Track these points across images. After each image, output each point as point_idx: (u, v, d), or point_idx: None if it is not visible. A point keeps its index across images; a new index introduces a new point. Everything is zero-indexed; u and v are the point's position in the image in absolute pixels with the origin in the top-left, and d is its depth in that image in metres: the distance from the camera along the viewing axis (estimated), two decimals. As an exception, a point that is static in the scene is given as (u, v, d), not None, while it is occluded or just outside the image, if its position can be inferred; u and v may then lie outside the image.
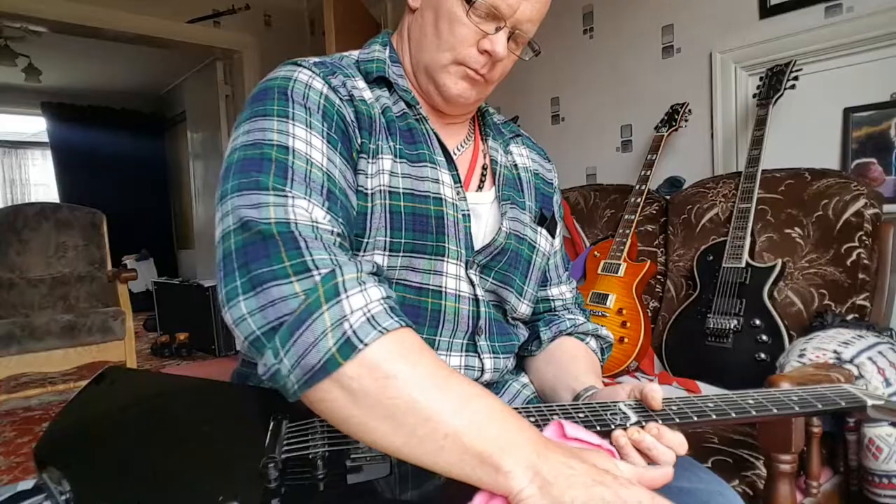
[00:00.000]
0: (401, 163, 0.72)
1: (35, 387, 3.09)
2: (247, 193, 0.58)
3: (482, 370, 0.76)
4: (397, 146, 0.73)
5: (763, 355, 1.36)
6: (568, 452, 0.49)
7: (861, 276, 1.37)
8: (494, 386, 0.83)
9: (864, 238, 1.38)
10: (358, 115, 0.71)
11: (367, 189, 0.68)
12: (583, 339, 0.91)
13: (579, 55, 2.43)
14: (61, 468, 0.55)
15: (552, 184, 0.95)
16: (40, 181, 7.18)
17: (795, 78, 1.68)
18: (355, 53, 0.81)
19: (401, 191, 0.70)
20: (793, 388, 0.71)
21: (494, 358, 0.78)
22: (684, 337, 1.56)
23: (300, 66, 0.71)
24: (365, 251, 0.68)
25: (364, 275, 0.54)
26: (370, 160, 0.70)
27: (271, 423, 0.58)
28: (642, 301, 1.69)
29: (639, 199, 1.82)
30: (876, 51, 1.64)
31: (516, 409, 0.62)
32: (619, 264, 1.74)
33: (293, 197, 0.58)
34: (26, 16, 3.18)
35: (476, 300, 0.76)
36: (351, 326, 0.49)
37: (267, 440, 0.56)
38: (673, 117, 1.96)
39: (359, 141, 0.69)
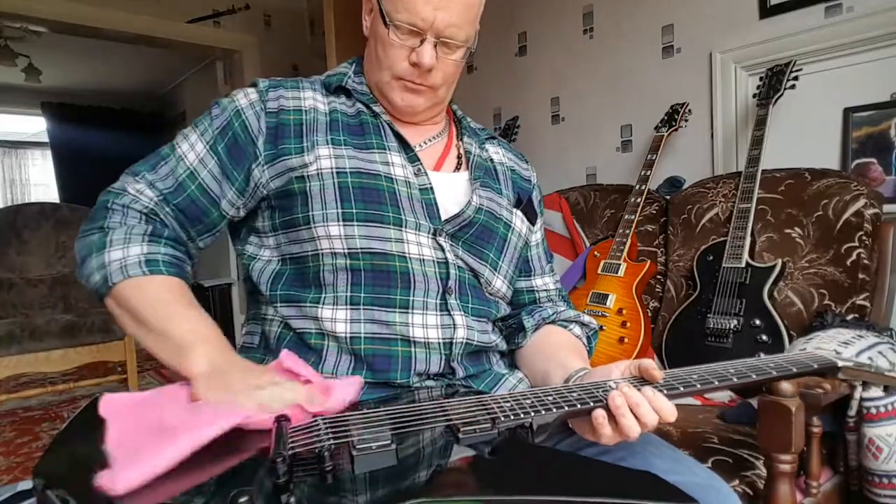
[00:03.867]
0: (346, 149, 0.82)
1: (35, 387, 3.09)
2: (123, 175, 0.82)
3: (454, 326, 0.81)
4: (341, 138, 0.83)
5: (763, 355, 1.36)
6: (242, 362, 0.70)
7: (861, 276, 1.37)
8: (489, 377, 0.85)
9: (864, 238, 1.38)
10: (280, 125, 0.82)
11: (304, 172, 0.80)
12: (566, 327, 0.93)
13: (579, 55, 2.43)
14: (65, 487, 0.55)
15: (530, 181, 1.02)
16: (40, 181, 7.18)
17: (795, 78, 1.68)
18: (328, 72, 0.93)
19: (348, 169, 0.81)
20: (771, 357, 0.74)
21: (465, 316, 0.82)
22: (684, 337, 1.56)
23: (255, 84, 0.86)
24: (316, 223, 0.79)
25: (134, 235, 0.75)
26: (304, 155, 0.81)
27: (274, 427, 0.59)
28: (642, 301, 1.69)
29: (639, 199, 1.82)
30: (876, 51, 1.64)
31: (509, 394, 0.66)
32: (619, 264, 1.74)
33: (141, 180, 0.80)
34: (26, 16, 3.18)
35: (446, 263, 0.82)
36: (109, 271, 0.73)
37: (272, 439, 0.57)
38: (673, 117, 1.96)
39: (257, 148, 0.81)
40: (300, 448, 0.56)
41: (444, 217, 0.84)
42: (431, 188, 0.84)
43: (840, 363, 0.71)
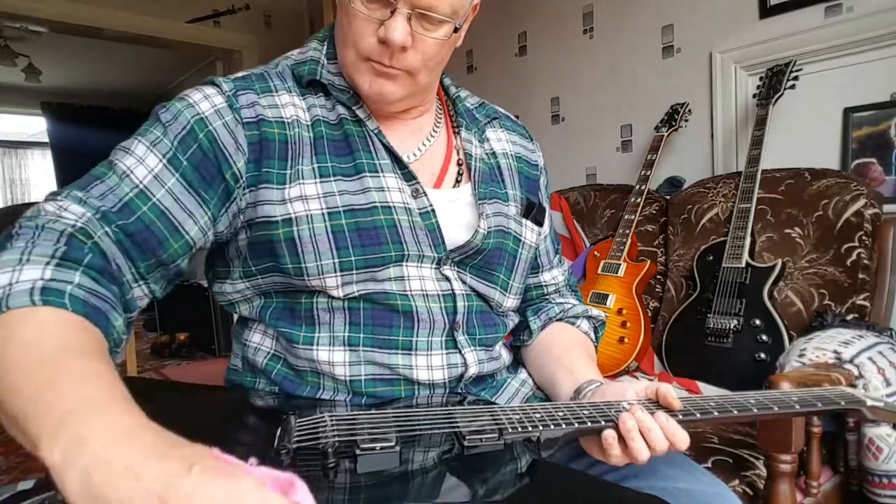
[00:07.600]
0: (335, 181, 0.70)
1: (35, 387, 3.08)
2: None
3: (465, 365, 0.75)
4: (328, 165, 0.70)
5: (763, 355, 1.36)
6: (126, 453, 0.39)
7: (861, 276, 1.37)
8: (493, 382, 0.83)
9: (864, 238, 1.38)
10: (264, 141, 0.68)
11: (290, 213, 0.67)
12: (573, 323, 0.90)
13: (579, 55, 2.43)
14: None
15: (537, 165, 0.92)
16: (40, 181, 7.18)
17: (795, 78, 1.68)
18: (294, 53, 0.78)
19: (340, 209, 0.69)
20: (793, 388, 0.72)
21: (475, 351, 0.76)
22: (684, 337, 1.56)
23: (214, 84, 0.70)
24: (310, 276, 0.67)
25: (34, 256, 0.53)
26: (286, 187, 0.67)
27: (281, 420, 0.59)
28: (642, 301, 1.69)
29: (639, 199, 1.81)
30: (876, 51, 1.64)
31: (519, 406, 0.64)
32: (619, 264, 1.74)
33: (66, 198, 0.60)
34: (26, 16, 3.18)
35: (452, 296, 0.74)
36: None
37: (277, 434, 0.57)
38: (673, 117, 1.96)
39: (237, 167, 0.67)
40: (305, 443, 0.56)
41: (448, 244, 0.74)
42: (433, 211, 0.73)
43: (869, 402, 0.68)
